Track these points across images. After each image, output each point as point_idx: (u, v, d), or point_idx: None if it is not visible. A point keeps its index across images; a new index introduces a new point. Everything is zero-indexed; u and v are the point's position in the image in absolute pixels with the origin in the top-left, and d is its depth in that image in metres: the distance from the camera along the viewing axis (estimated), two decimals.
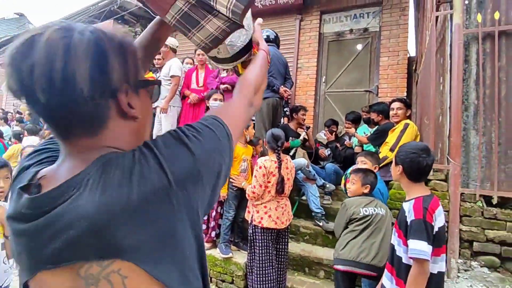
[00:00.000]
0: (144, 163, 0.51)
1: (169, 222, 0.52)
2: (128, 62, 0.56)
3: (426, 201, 1.68)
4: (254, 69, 0.89)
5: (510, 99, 2.61)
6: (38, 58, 0.48)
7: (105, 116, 0.55)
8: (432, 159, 1.72)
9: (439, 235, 1.66)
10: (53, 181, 0.54)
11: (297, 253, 3.65)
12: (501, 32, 2.65)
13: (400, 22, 5.55)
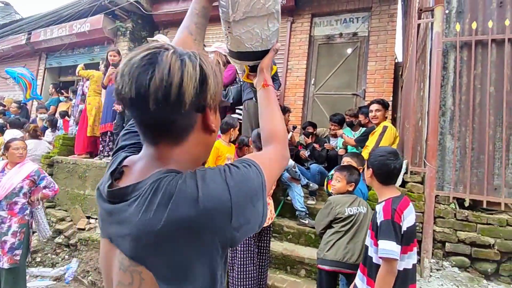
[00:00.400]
0: (184, 192, 0.57)
1: (185, 255, 0.59)
2: (219, 84, 0.66)
3: (395, 202, 1.74)
4: (277, 119, 0.90)
5: (484, 106, 2.72)
6: (160, 74, 0.57)
7: (192, 127, 0.66)
8: (400, 162, 1.78)
9: (408, 234, 1.72)
10: (130, 174, 0.68)
11: (280, 252, 3.71)
12: (477, 41, 2.76)
13: (388, 28, 5.67)
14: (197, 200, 0.57)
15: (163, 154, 0.65)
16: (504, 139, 2.63)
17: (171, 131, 0.64)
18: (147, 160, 0.67)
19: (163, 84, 0.57)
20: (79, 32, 7.22)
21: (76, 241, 4.58)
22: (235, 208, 0.59)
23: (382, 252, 1.67)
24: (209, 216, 0.57)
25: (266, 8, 0.89)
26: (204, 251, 0.60)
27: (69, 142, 5.69)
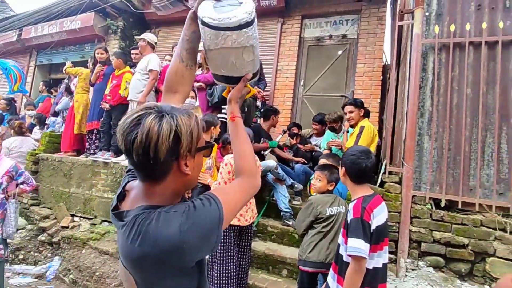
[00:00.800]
0: (147, 233, 0.76)
1: (152, 278, 0.81)
2: (193, 139, 0.83)
3: (366, 201, 1.75)
4: (248, 153, 1.05)
5: (460, 107, 2.75)
6: (140, 136, 0.76)
7: (169, 171, 0.83)
8: (371, 161, 1.79)
9: (378, 232, 1.72)
10: (127, 199, 0.91)
11: (262, 251, 3.70)
12: (455, 43, 2.79)
13: (377, 30, 5.70)
14: (156, 241, 0.75)
15: (148, 189, 0.86)
16: (479, 140, 2.66)
17: (153, 174, 0.83)
18: (137, 191, 0.89)
19: (142, 144, 0.76)
20: (70, 29, 7.16)
21: (59, 239, 4.54)
22: (188, 247, 0.77)
23: (350, 250, 1.68)
24: (164, 254, 0.76)
25: (238, 42, 1.00)
26: (167, 276, 0.80)
27: (55, 139, 5.65)
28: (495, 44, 2.70)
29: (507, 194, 2.57)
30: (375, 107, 5.45)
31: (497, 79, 2.67)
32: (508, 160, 2.60)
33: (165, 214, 0.78)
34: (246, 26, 0.98)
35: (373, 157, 1.83)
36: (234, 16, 0.97)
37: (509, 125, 2.62)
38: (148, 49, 4.62)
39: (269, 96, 6.28)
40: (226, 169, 2.97)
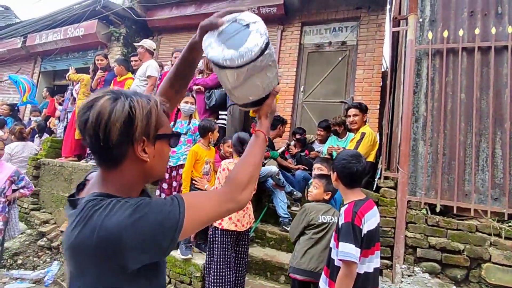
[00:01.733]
0: (92, 220, 0.70)
1: (83, 268, 0.73)
2: (150, 123, 0.79)
3: (357, 205, 1.75)
4: (249, 160, 0.97)
5: (455, 112, 2.75)
6: (91, 116, 0.74)
7: (123, 156, 0.79)
8: (362, 165, 1.80)
9: (369, 237, 1.72)
10: (86, 187, 0.87)
11: (260, 257, 3.68)
12: (449, 49, 2.81)
13: (376, 37, 5.75)
14: (95, 228, 0.68)
15: (103, 176, 0.81)
16: (474, 145, 2.66)
17: (107, 158, 0.79)
18: (94, 179, 0.84)
19: (93, 124, 0.74)
20: (73, 36, 7.30)
21: (58, 244, 4.57)
22: (128, 242, 0.69)
23: (340, 254, 1.68)
24: (100, 244, 0.68)
25: (262, 66, 0.90)
26: (102, 271, 0.72)
27: (56, 144, 5.71)
28: (488, 49, 2.72)
29: (502, 199, 2.56)
30: (374, 113, 5.47)
31: (490, 84, 2.68)
32: (502, 165, 2.59)
33: (116, 203, 0.72)
34: (266, 47, 0.88)
35: (364, 161, 1.84)
36: (254, 45, 0.86)
37: (503, 130, 2.62)
38: (147, 55, 4.70)
39: None
40: (223, 174, 2.99)
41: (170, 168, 3.67)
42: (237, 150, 3.12)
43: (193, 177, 3.46)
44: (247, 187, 0.92)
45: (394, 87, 3.69)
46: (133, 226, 0.69)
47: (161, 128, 0.83)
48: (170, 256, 3.50)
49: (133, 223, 0.69)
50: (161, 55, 7.49)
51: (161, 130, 0.83)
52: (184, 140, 3.72)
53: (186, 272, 3.40)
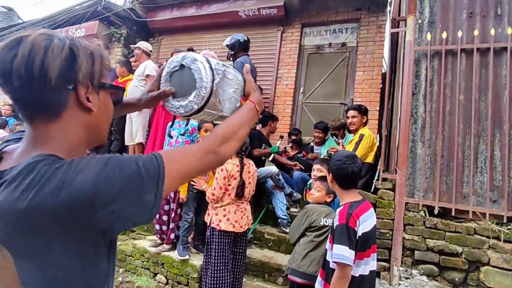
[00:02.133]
0: (54, 179, 0.57)
1: (45, 239, 0.58)
2: (94, 66, 0.68)
3: (352, 207, 1.72)
4: (232, 118, 0.91)
5: (453, 114, 2.74)
6: (21, 51, 0.59)
7: (65, 103, 0.65)
8: (357, 166, 1.77)
9: (364, 239, 1.69)
10: (8, 160, 0.66)
11: (258, 258, 3.67)
12: (447, 50, 2.79)
13: (376, 39, 5.73)
14: (61, 190, 0.56)
15: (40, 132, 0.65)
16: (472, 147, 2.64)
17: (42, 106, 0.64)
18: (27, 142, 0.66)
19: (24, 61, 0.59)
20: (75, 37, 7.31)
21: None
22: (102, 198, 0.58)
23: (334, 257, 1.65)
24: (69, 207, 0.56)
25: (223, 85, 0.95)
26: (68, 240, 0.59)
27: None
28: (487, 51, 2.70)
29: (500, 202, 2.54)
30: (374, 115, 5.44)
31: (489, 85, 2.66)
32: (501, 167, 2.58)
33: (81, 160, 0.60)
34: (214, 73, 0.91)
35: (359, 161, 1.82)
36: (203, 82, 0.89)
37: (502, 132, 2.60)
38: (143, 57, 4.72)
39: (268, 104, 6.31)
40: (221, 175, 2.98)
41: None
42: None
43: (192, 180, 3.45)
44: (228, 140, 0.82)
45: (393, 89, 3.68)
46: (107, 179, 0.58)
47: (104, 78, 0.72)
48: (167, 257, 3.50)
49: (107, 176, 0.58)
50: (161, 55, 7.50)
51: (105, 79, 0.72)
52: (182, 140, 3.71)
53: (183, 273, 3.39)
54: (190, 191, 3.44)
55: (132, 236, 4.42)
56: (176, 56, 0.95)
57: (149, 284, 3.54)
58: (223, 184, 2.98)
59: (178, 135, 3.71)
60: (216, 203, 3.05)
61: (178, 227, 3.59)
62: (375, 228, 1.81)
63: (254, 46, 6.31)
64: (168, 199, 3.67)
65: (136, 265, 3.72)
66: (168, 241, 3.61)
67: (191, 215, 3.48)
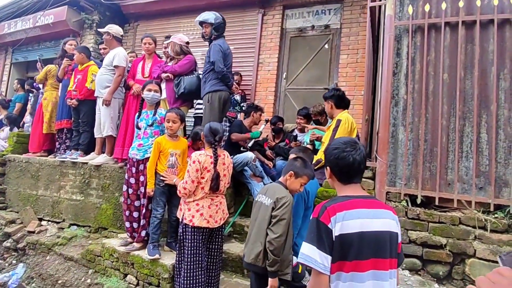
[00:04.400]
0: None
1: None
2: None
3: (335, 200, 1.35)
4: None
5: (437, 94, 2.51)
6: None
7: None
8: (360, 153, 1.38)
9: (346, 243, 1.26)
10: None
11: (237, 253, 3.48)
12: (430, 25, 2.55)
13: (360, 20, 5.46)
14: None
15: None
16: (457, 130, 2.43)
17: None
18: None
19: None
20: (43, 24, 6.88)
21: (24, 245, 4.29)
22: None
23: (300, 256, 1.31)
24: None
25: None
26: None
27: (23, 139, 5.38)
28: (472, 24, 2.46)
29: (487, 188, 2.34)
30: (359, 100, 5.22)
31: (475, 62, 2.43)
32: (488, 150, 2.37)
33: None
34: None
35: (362, 148, 1.41)
36: None
37: (489, 113, 2.39)
38: (114, 43, 4.36)
39: (250, 91, 6.03)
40: (193, 167, 2.73)
41: (137, 161, 3.40)
42: (209, 141, 2.86)
43: (158, 171, 3.20)
44: None
45: (375, 70, 3.44)
46: None
47: None
48: (137, 256, 3.27)
49: None
50: (138, 43, 7.11)
51: None
52: (151, 132, 3.43)
53: (154, 273, 3.17)
54: (157, 184, 3.19)
55: (104, 234, 4.17)
56: None
57: (118, 285, 3.31)
58: (195, 177, 2.73)
59: (146, 126, 3.43)
60: (188, 198, 2.82)
61: (149, 223, 3.35)
62: (383, 236, 1.30)
63: (233, 30, 5.99)
64: (139, 194, 3.41)
65: (106, 266, 3.49)
66: (138, 239, 3.37)
67: (161, 210, 3.24)
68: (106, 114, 4.19)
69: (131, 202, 3.43)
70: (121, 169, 4.16)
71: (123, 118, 4.32)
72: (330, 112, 3.12)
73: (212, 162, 2.79)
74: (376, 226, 1.30)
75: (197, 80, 4.03)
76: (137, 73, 4.41)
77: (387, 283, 1.29)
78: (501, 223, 2.22)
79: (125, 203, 3.47)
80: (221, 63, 3.72)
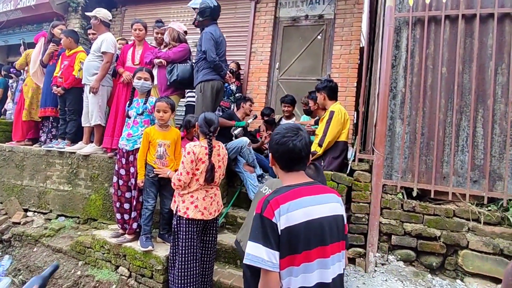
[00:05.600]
0: None
1: None
2: None
3: (278, 192, 1.28)
4: None
5: (435, 88, 2.51)
6: None
7: None
8: (302, 139, 1.32)
9: (292, 236, 1.21)
10: None
11: (230, 244, 3.46)
12: (430, 17, 2.53)
13: (354, 10, 5.41)
14: None
15: None
16: (454, 124, 2.44)
17: None
18: None
19: None
20: (25, 6, 6.56)
21: (9, 237, 4.15)
22: None
23: (246, 258, 1.21)
24: None
25: None
26: None
27: (7, 127, 5.17)
28: (472, 18, 2.46)
29: (481, 182, 2.38)
30: (351, 91, 5.23)
31: (474, 56, 2.44)
32: (483, 144, 2.40)
33: None
34: None
35: (304, 135, 1.35)
36: None
37: (485, 107, 2.41)
38: (102, 28, 4.17)
39: (243, 80, 5.94)
40: (188, 158, 2.66)
41: (127, 152, 3.29)
42: (203, 131, 2.79)
43: (148, 162, 3.12)
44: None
45: (372, 62, 3.42)
46: None
47: None
48: (129, 248, 3.21)
49: None
50: (126, 29, 6.88)
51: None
52: (141, 121, 3.33)
53: (147, 265, 3.12)
54: (146, 175, 3.12)
55: (94, 225, 4.07)
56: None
57: (110, 277, 3.25)
58: (190, 168, 2.67)
59: (136, 114, 3.32)
60: (183, 190, 2.75)
61: (141, 215, 3.28)
62: (329, 220, 1.28)
63: (226, 18, 5.85)
64: (130, 185, 3.32)
65: (96, 258, 3.42)
66: (130, 231, 3.30)
67: (152, 201, 3.17)
68: (94, 103, 4.04)
69: (121, 194, 3.34)
70: (111, 159, 4.05)
71: (112, 106, 4.18)
72: (323, 103, 3.11)
73: (207, 153, 2.74)
74: (322, 212, 1.28)
75: (190, 68, 3.92)
76: (127, 60, 4.26)
77: (335, 267, 1.29)
78: (494, 215, 2.27)
79: (115, 194, 3.38)
80: (213, 52, 3.61)
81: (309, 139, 1.39)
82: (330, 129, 2.80)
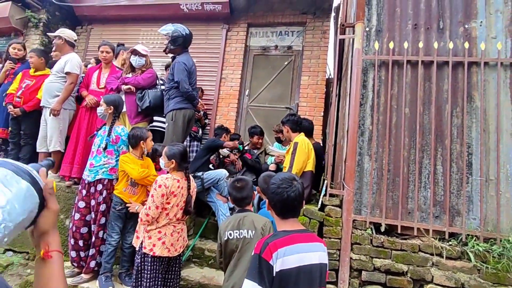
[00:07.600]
0: None
1: None
2: None
3: (276, 236, 1.39)
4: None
5: (399, 127, 2.66)
6: None
7: None
8: (295, 190, 1.43)
9: (284, 279, 1.31)
10: None
11: (197, 280, 3.31)
12: (394, 61, 2.72)
13: (321, 44, 5.70)
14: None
15: None
16: (417, 161, 2.59)
17: None
18: None
19: None
20: None
21: None
22: None
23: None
24: None
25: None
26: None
27: None
28: (430, 64, 2.68)
29: (442, 217, 2.52)
30: (319, 120, 5.41)
31: (432, 99, 2.64)
32: (443, 182, 2.56)
33: None
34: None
35: (298, 185, 1.46)
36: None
37: (443, 147, 2.59)
38: (66, 47, 3.97)
39: (212, 106, 5.93)
40: (159, 191, 2.52)
41: (88, 184, 3.07)
42: (180, 165, 2.67)
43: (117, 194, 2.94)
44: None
45: (339, 97, 3.57)
46: None
47: None
48: None
49: None
50: (91, 48, 6.64)
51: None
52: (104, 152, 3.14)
53: None
54: (113, 208, 2.92)
55: None
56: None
57: None
58: (160, 202, 2.53)
59: (100, 144, 3.12)
60: (150, 225, 2.60)
61: (100, 253, 3.02)
62: (316, 268, 1.39)
63: (197, 44, 5.86)
64: (87, 220, 3.07)
65: None
66: (87, 270, 3.02)
67: (116, 237, 2.96)
68: (54, 127, 3.77)
69: (76, 229, 3.05)
70: (69, 188, 3.76)
71: (73, 132, 3.93)
72: (287, 135, 3.28)
73: (180, 186, 2.63)
74: (311, 259, 1.39)
75: (161, 94, 3.83)
76: (91, 83, 4.08)
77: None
78: (455, 250, 2.39)
79: (70, 229, 3.10)
80: (186, 83, 3.56)
81: (303, 189, 1.51)
82: (296, 159, 2.89)
